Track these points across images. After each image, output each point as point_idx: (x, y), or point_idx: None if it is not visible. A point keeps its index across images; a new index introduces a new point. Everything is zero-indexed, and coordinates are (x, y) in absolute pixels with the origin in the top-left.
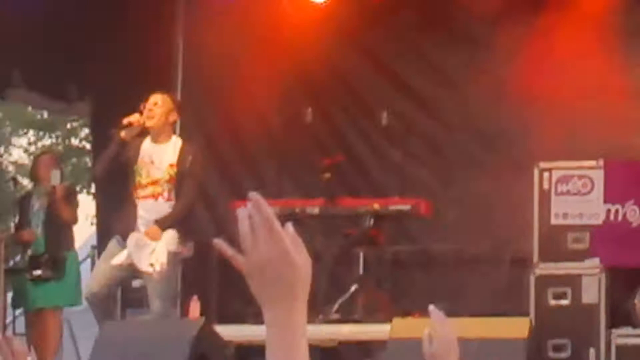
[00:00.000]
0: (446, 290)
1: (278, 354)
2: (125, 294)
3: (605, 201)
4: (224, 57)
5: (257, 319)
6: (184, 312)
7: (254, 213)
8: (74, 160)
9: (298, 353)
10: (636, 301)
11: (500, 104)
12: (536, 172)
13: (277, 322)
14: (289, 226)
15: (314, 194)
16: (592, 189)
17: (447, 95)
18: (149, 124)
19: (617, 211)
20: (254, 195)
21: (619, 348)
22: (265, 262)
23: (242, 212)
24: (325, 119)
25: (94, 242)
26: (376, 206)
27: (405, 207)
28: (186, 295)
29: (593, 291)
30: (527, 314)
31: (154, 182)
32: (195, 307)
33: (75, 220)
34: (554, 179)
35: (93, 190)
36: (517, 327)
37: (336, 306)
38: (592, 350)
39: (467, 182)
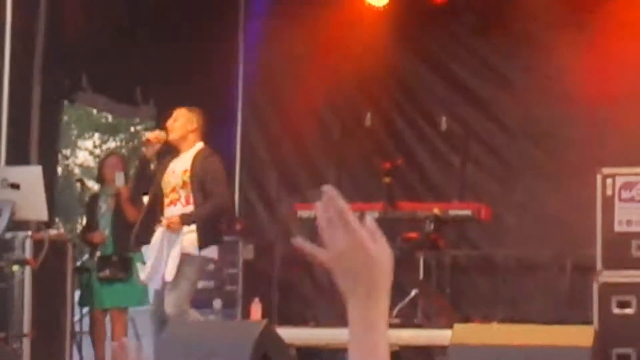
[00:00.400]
0: (507, 296)
1: (357, 350)
2: None
3: None
4: (285, 62)
5: (318, 322)
6: (246, 313)
7: (329, 207)
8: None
9: (376, 351)
10: None
11: (562, 109)
12: (599, 179)
13: (357, 318)
14: (369, 219)
15: (374, 197)
16: None
17: (507, 99)
18: (170, 137)
19: None
20: (327, 188)
21: None
22: (341, 255)
23: (319, 207)
24: (385, 123)
25: None
26: (436, 211)
27: (465, 212)
28: (248, 297)
29: None
30: (590, 322)
31: (172, 190)
32: (257, 309)
33: None
34: (617, 185)
35: None
36: (582, 336)
37: (396, 311)
38: None
39: (529, 187)
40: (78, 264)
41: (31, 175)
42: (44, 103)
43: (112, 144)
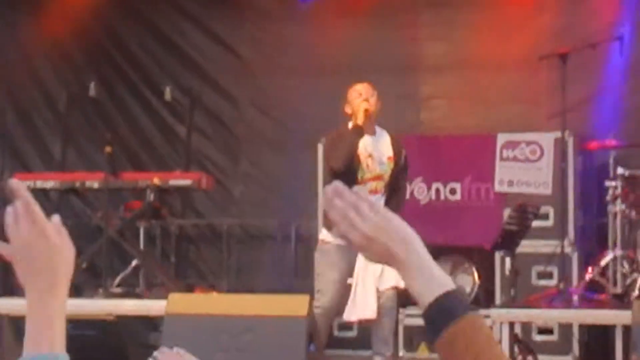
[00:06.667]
0: (233, 266)
1: (34, 341)
2: None
3: None
4: (8, 31)
5: None
6: None
7: (18, 201)
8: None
9: (54, 344)
10: None
11: (287, 79)
12: (320, 148)
13: (36, 310)
14: (56, 217)
15: (100, 167)
16: None
17: (234, 70)
18: (371, 111)
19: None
20: (15, 183)
21: (407, 329)
22: (25, 248)
23: (8, 209)
24: (109, 92)
25: None
26: (156, 180)
27: (186, 181)
28: None
29: None
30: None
31: (377, 177)
32: None
33: None
34: None
35: None
36: (296, 305)
37: (118, 280)
38: None
39: (254, 157)
40: None
41: None
42: None
43: None
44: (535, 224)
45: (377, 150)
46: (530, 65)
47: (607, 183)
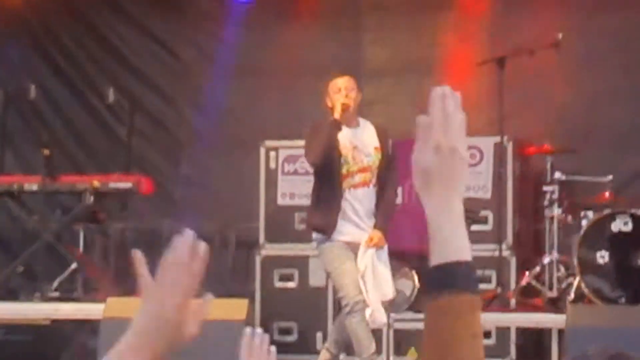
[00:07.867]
0: None
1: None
2: None
3: None
4: None
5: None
6: None
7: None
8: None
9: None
10: None
11: (228, 82)
12: (262, 151)
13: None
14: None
15: (38, 170)
16: None
17: (173, 72)
18: (351, 108)
19: None
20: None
21: (397, 333)
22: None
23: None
24: (48, 94)
25: None
26: (96, 183)
27: (126, 184)
28: None
29: (320, 274)
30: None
31: (364, 169)
32: None
33: None
34: (280, 158)
35: None
36: (234, 309)
37: (55, 284)
38: (319, 334)
39: (196, 160)
40: None
41: None
42: None
43: None
44: (474, 228)
45: (361, 141)
46: (470, 70)
47: (544, 188)
